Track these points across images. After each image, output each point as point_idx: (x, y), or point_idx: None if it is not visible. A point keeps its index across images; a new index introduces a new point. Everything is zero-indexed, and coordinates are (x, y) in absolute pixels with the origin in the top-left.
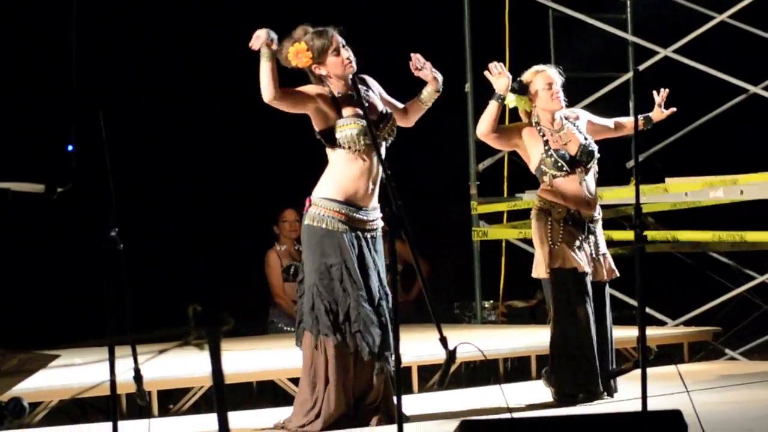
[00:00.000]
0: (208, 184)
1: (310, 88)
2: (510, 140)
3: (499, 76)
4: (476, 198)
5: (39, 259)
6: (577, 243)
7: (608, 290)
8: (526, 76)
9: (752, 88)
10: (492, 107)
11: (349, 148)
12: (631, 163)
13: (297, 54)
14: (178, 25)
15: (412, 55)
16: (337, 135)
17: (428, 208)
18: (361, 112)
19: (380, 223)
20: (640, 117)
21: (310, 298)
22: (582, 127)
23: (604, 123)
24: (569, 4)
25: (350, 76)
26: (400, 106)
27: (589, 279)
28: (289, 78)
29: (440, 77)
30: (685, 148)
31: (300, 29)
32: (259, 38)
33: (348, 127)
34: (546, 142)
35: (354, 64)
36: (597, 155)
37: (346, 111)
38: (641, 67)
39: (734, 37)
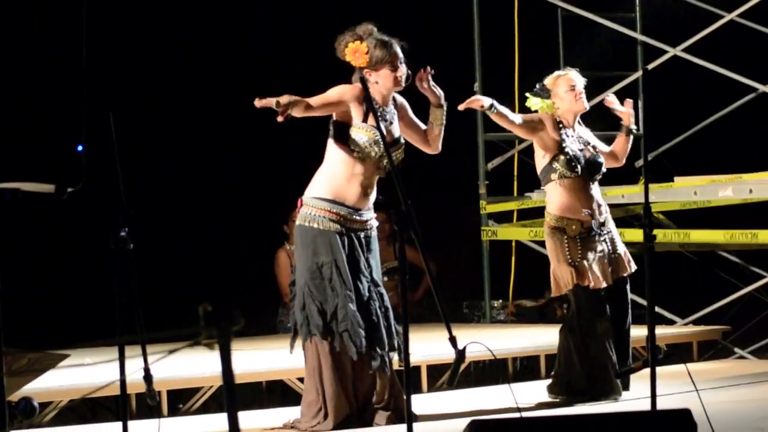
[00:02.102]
0: (219, 184)
1: (345, 92)
2: (534, 131)
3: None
4: (485, 197)
5: (49, 259)
6: (596, 253)
7: (628, 286)
8: (548, 81)
9: (761, 87)
10: (495, 118)
11: (354, 151)
12: (640, 163)
13: (355, 52)
14: (188, 26)
15: (423, 70)
16: (351, 133)
17: (437, 207)
18: (380, 125)
19: (374, 223)
20: (622, 133)
21: (301, 299)
22: (590, 138)
23: (606, 149)
24: (578, 3)
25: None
26: (424, 127)
27: (605, 285)
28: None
29: (439, 92)
30: (694, 147)
31: (365, 26)
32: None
33: (364, 132)
34: (564, 140)
35: (404, 83)
36: (603, 170)
37: (370, 119)
38: (650, 66)
39: (743, 36)
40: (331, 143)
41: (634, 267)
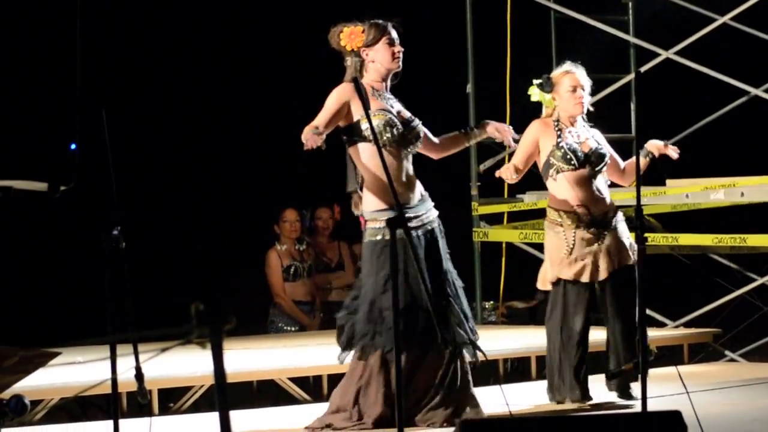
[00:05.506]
0: (210, 184)
1: (341, 93)
2: (534, 155)
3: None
4: (477, 199)
5: (41, 258)
6: (593, 245)
7: (637, 274)
8: (555, 74)
9: (754, 90)
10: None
11: (373, 141)
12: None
13: (351, 34)
14: (181, 25)
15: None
16: (363, 126)
17: None
18: (388, 107)
19: (433, 214)
20: (643, 154)
21: (374, 311)
22: (599, 138)
23: (618, 161)
24: (571, 5)
25: (391, 73)
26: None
27: (590, 280)
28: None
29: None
30: (686, 150)
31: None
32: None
33: (373, 118)
34: (559, 135)
35: (401, 62)
36: (607, 160)
37: (374, 105)
38: (643, 69)
39: (736, 39)
40: (352, 151)
41: (635, 257)
